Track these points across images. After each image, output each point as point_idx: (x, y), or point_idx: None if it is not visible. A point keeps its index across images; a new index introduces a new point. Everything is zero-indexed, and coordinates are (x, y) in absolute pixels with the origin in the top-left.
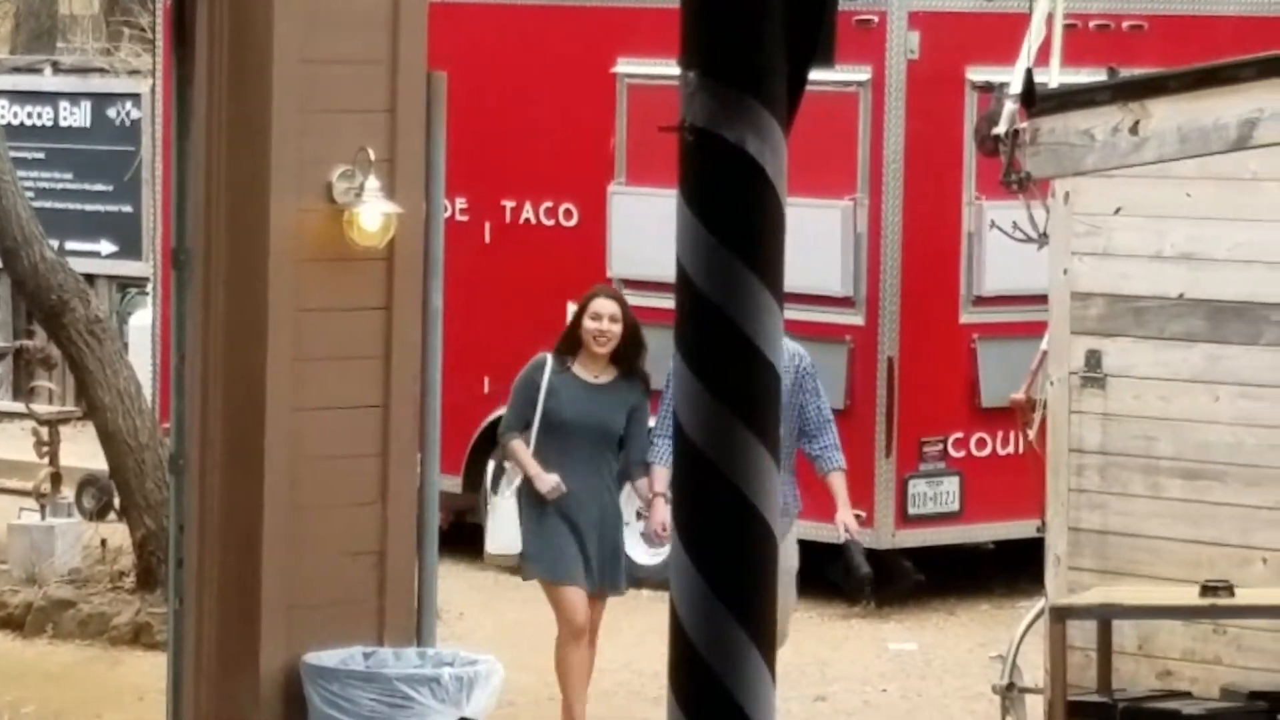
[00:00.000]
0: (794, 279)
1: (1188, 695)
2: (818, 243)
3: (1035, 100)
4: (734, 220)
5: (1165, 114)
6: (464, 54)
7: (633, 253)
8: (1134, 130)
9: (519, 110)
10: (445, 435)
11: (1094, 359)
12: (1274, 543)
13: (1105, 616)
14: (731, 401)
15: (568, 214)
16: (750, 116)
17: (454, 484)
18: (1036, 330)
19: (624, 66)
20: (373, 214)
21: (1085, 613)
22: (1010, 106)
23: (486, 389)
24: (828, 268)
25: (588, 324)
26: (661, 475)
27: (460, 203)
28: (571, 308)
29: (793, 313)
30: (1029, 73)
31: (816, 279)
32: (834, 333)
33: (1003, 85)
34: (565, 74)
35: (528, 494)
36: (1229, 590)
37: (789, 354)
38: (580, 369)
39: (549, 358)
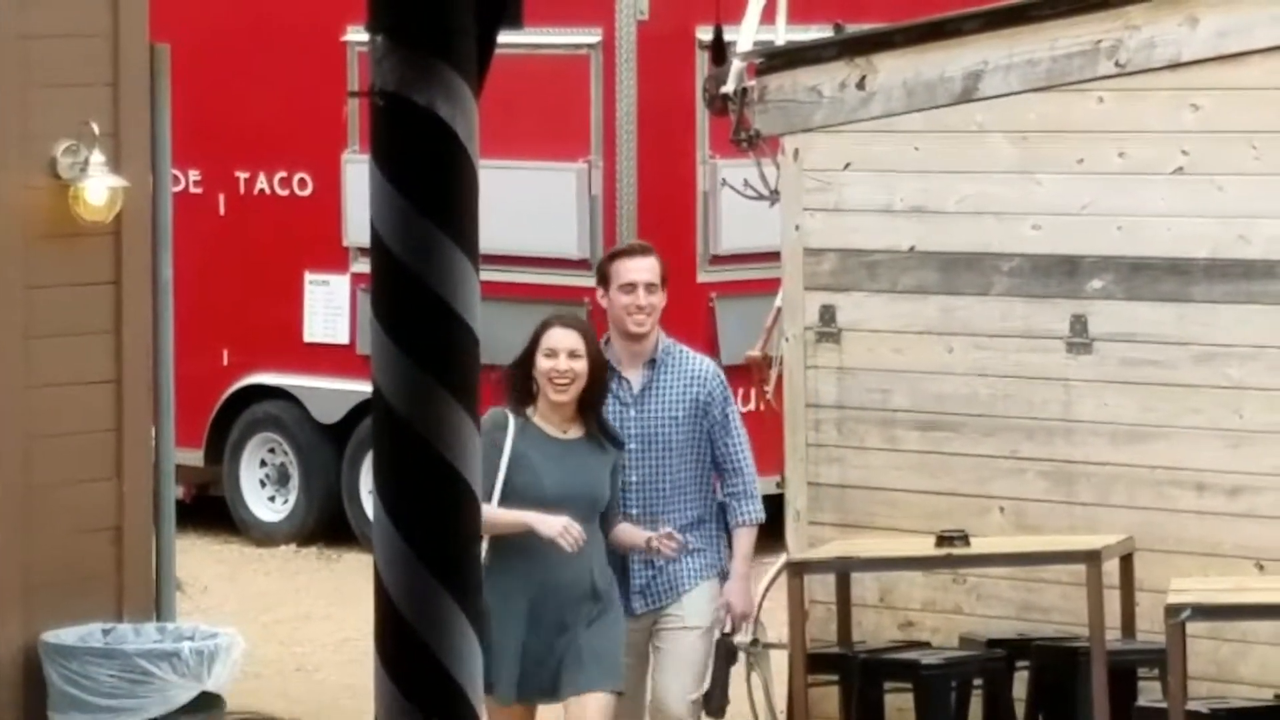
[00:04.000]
0: (530, 243)
1: (926, 645)
2: (553, 206)
3: (726, 57)
4: (427, 184)
5: (891, 68)
6: (192, 25)
7: (368, 221)
8: (861, 85)
9: (250, 80)
10: (186, 408)
11: (828, 314)
12: (1011, 491)
13: (841, 569)
14: (429, 365)
15: (302, 183)
16: (440, 79)
17: (195, 457)
18: (773, 287)
19: (354, 34)
20: (99, 188)
21: (821, 566)
22: (738, 65)
23: (226, 361)
24: (564, 231)
25: (542, 363)
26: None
27: (194, 175)
28: (312, 278)
29: (530, 276)
30: (718, 29)
31: (553, 242)
32: (572, 295)
33: (731, 44)
34: (295, 43)
35: (488, 584)
36: (964, 540)
37: (691, 374)
38: (543, 421)
39: (509, 415)
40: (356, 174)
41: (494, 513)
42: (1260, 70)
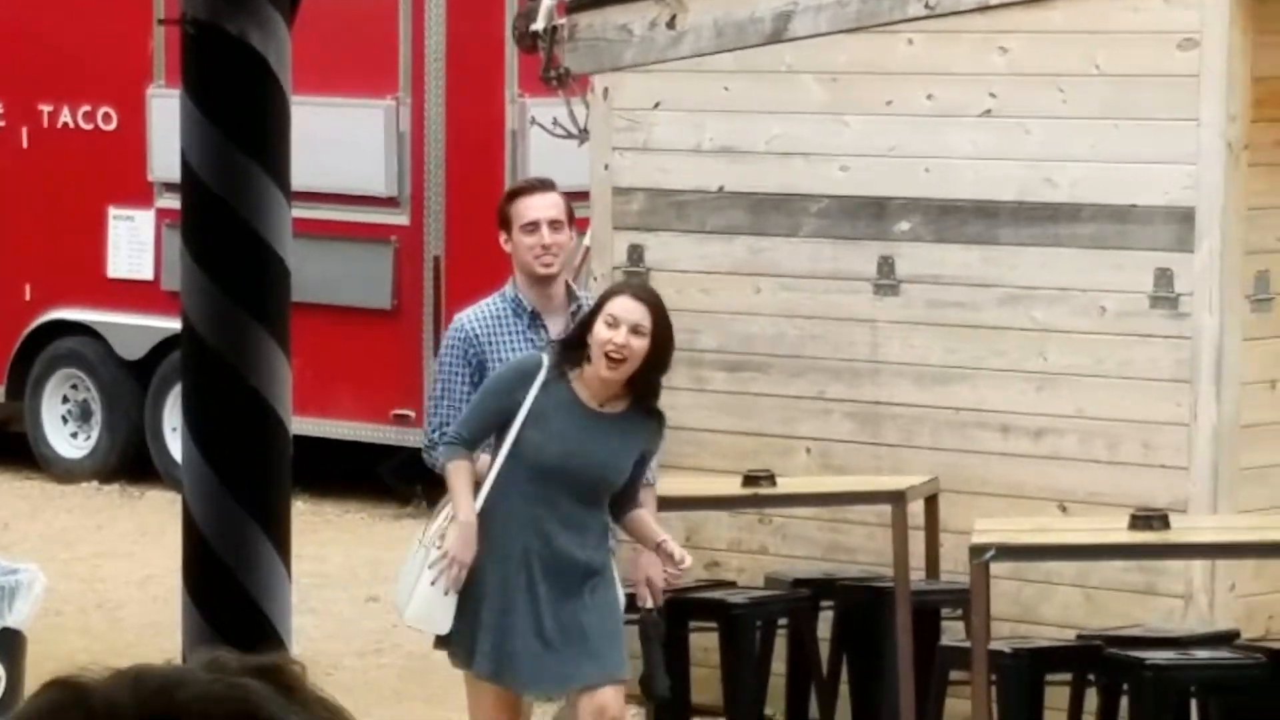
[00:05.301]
0: (337, 180)
1: (732, 585)
2: (360, 143)
3: None
4: (238, 114)
5: (701, 8)
6: None
7: (174, 156)
8: (671, 24)
9: (54, 12)
10: None
11: (636, 253)
12: (816, 432)
13: None
14: (239, 296)
15: (106, 117)
16: (251, 8)
17: None
18: (581, 226)
19: None
20: None
21: None
22: (548, 2)
23: (28, 296)
24: (371, 168)
25: (600, 331)
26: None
27: None
28: (116, 213)
29: (337, 214)
30: None
31: (360, 180)
32: (379, 233)
33: None
34: None
35: (489, 549)
36: (771, 480)
37: None
38: (582, 388)
39: (544, 363)
40: (162, 108)
41: (461, 475)
42: (1067, 14)
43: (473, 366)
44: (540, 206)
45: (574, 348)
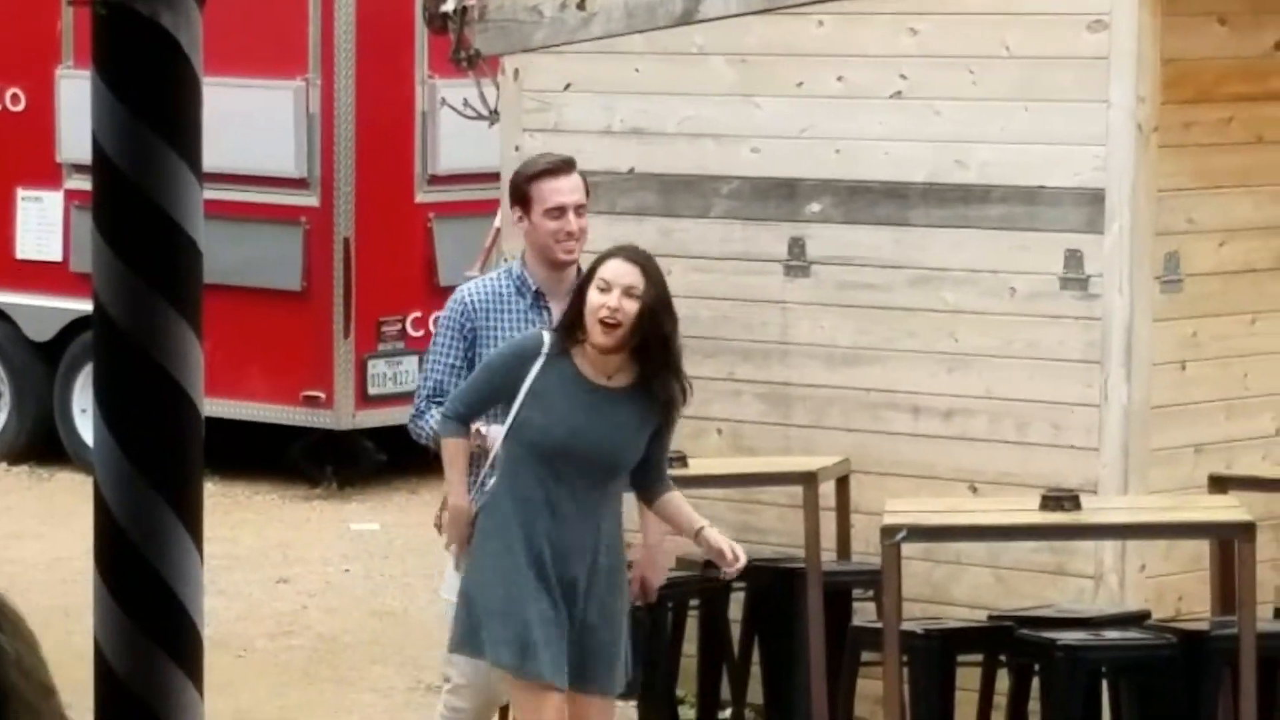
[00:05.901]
0: (247, 161)
1: None
2: (270, 124)
3: None
4: (150, 95)
5: None
6: None
7: (84, 137)
8: (581, 6)
9: None
10: None
11: None
12: (728, 413)
13: None
14: (153, 279)
15: (15, 99)
16: None
17: None
18: (492, 208)
19: None
20: None
21: None
22: None
23: None
24: (281, 149)
25: (593, 297)
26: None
27: None
28: (25, 194)
29: (246, 195)
30: None
31: (270, 161)
32: (289, 214)
33: None
34: None
35: (488, 526)
36: (682, 461)
37: None
38: (585, 363)
39: (546, 340)
40: (71, 89)
41: (457, 454)
42: None
43: (468, 340)
44: (566, 190)
45: (573, 323)
